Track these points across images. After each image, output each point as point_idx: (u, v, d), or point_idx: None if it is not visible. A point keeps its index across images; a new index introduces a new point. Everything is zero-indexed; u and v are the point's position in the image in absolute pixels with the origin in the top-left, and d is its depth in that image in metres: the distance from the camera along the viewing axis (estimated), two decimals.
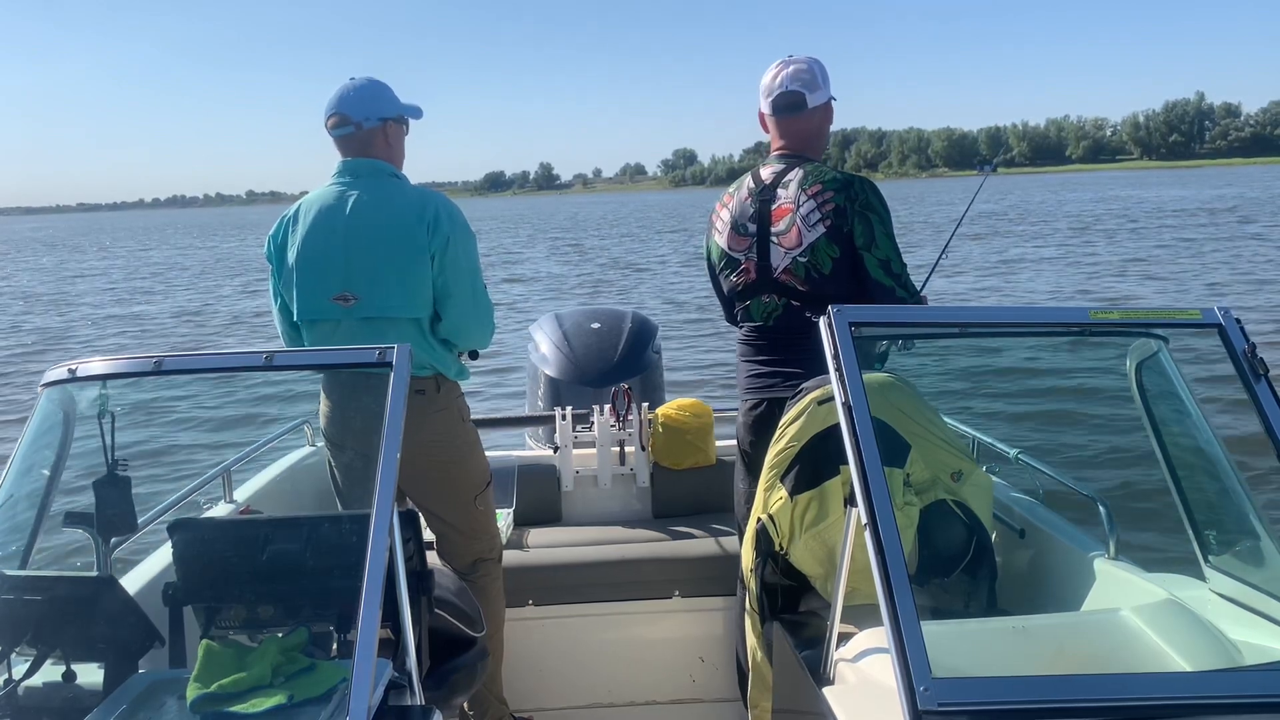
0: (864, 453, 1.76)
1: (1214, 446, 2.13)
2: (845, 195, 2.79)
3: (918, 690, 1.51)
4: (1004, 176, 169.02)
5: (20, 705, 1.85)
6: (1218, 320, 2.02)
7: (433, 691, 2.21)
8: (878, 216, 2.79)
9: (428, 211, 2.79)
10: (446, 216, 2.81)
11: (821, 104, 2.96)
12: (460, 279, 2.83)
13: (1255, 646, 1.87)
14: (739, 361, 3.06)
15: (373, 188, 2.84)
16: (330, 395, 2.91)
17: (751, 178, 2.98)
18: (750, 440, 2.97)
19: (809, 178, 2.84)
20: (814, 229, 2.79)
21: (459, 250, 2.82)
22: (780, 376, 2.88)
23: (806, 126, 2.95)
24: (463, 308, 2.86)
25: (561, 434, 3.85)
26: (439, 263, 2.79)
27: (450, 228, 2.80)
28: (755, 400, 2.96)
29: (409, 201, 2.82)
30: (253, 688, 1.70)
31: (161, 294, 25.43)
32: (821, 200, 2.79)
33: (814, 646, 2.14)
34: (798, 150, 2.95)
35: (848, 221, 2.77)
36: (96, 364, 2.12)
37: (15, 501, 2.12)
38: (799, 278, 2.83)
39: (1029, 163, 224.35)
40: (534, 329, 4.68)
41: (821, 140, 3.01)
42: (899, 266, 2.81)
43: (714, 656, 3.43)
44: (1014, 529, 2.84)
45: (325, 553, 1.96)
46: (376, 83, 2.93)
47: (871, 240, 2.78)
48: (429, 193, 2.88)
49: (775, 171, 2.92)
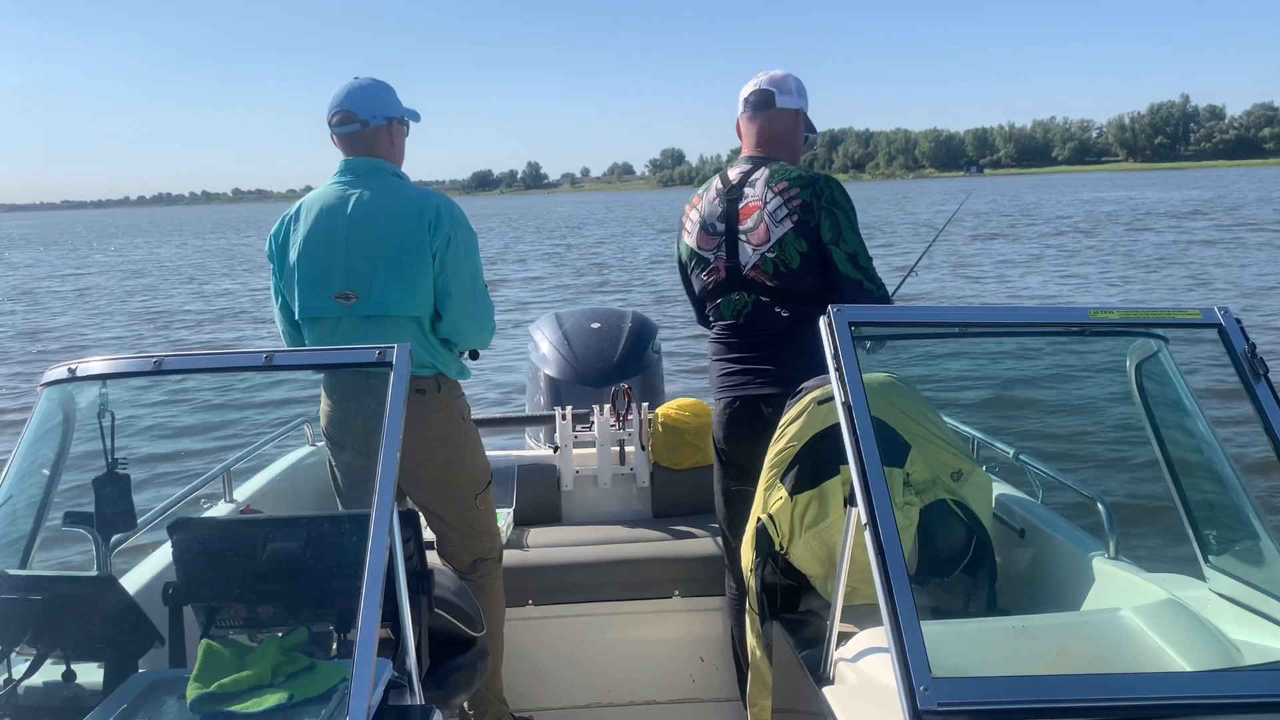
0: (864, 452, 1.76)
1: (1214, 446, 2.13)
2: (811, 192, 2.83)
3: (918, 690, 1.51)
4: (990, 178, 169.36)
5: (20, 705, 1.85)
6: (1218, 320, 2.02)
7: (433, 691, 2.21)
8: (843, 212, 2.84)
9: (429, 210, 2.79)
10: (448, 215, 2.81)
11: (792, 108, 3.00)
12: (461, 278, 2.83)
13: (1255, 646, 1.87)
14: (711, 361, 3.10)
15: (375, 186, 2.84)
16: (331, 394, 2.91)
17: (720, 178, 3.02)
18: (724, 437, 3.00)
19: (775, 176, 2.88)
20: (781, 224, 2.83)
21: (460, 250, 2.82)
22: (752, 374, 2.91)
23: (775, 127, 2.99)
24: (463, 307, 2.86)
25: (561, 434, 3.85)
26: (440, 262, 2.79)
27: (451, 227, 2.80)
28: (729, 398, 2.98)
29: (410, 200, 2.82)
30: (253, 687, 1.70)
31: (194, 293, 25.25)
32: (788, 197, 2.83)
33: (814, 646, 2.14)
34: (766, 152, 2.99)
35: (814, 217, 2.81)
36: (96, 364, 2.12)
37: (15, 501, 2.11)
38: (767, 273, 2.86)
39: (1015, 164, 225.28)
40: (534, 329, 4.68)
41: (791, 146, 3.03)
42: (866, 260, 2.85)
43: (714, 656, 3.43)
44: (1014, 529, 2.84)
45: (325, 552, 1.96)
46: (382, 83, 2.95)
47: (839, 235, 2.82)
48: (430, 192, 2.88)
49: (742, 171, 2.97)
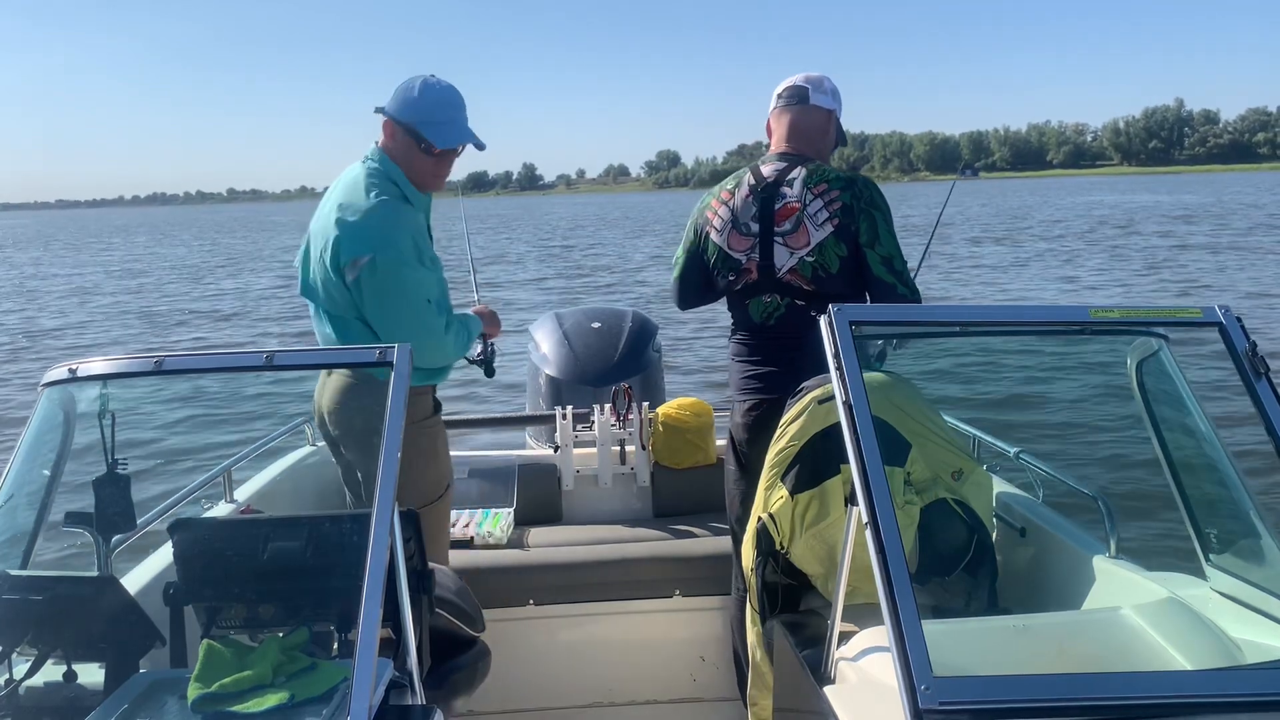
0: (864, 452, 1.76)
1: (1215, 445, 2.13)
2: (851, 193, 2.78)
3: (918, 689, 1.51)
4: (985, 181, 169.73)
5: (21, 705, 1.85)
6: (1218, 319, 2.02)
7: (433, 691, 2.21)
8: (881, 214, 2.80)
9: (346, 216, 2.70)
10: (363, 229, 2.69)
11: (825, 107, 2.95)
12: (377, 294, 2.71)
13: (1256, 645, 1.87)
14: (733, 361, 3.03)
15: (347, 174, 2.82)
16: (335, 396, 2.90)
17: (752, 174, 2.94)
18: (746, 440, 2.94)
19: (813, 176, 2.83)
20: (821, 228, 2.78)
21: (379, 271, 2.68)
22: (781, 378, 2.84)
23: (808, 123, 2.94)
24: (386, 322, 2.73)
25: (562, 433, 3.85)
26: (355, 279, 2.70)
27: (368, 250, 2.68)
28: (754, 401, 2.93)
29: (347, 200, 2.74)
30: (253, 687, 1.70)
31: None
32: (828, 199, 2.78)
33: (814, 645, 2.14)
34: (798, 150, 2.92)
35: (855, 220, 2.77)
36: (96, 364, 2.12)
37: (15, 501, 2.11)
38: (805, 277, 2.82)
39: (1010, 167, 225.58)
40: (534, 329, 4.68)
41: (823, 145, 2.98)
42: (900, 264, 2.80)
43: (714, 656, 3.43)
44: (1014, 528, 2.84)
45: (326, 552, 1.96)
46: (410, 80, 2.85)
47: (875, 238, 2.77)
48: (361, 197, 2.73)
49: (777, 169, 2.90)
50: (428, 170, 2.85)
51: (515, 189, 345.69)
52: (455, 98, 2.85)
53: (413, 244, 2.75)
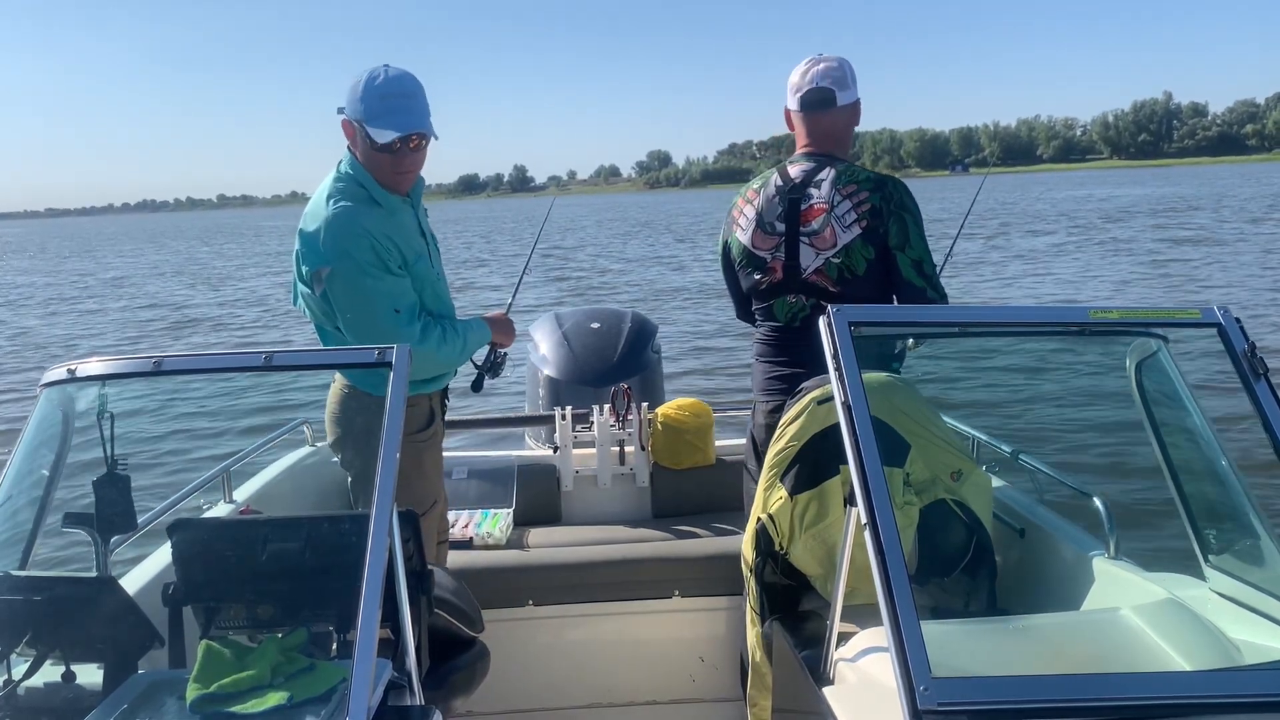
0: (864, 452, 1.76)
1: (1214, 446, 2.13)
2: (880, 195, 2.76)
3: (918, 690, 1.51)
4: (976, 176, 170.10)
5: (20, 705, 1.85)
6: (1217, 320, 2.02)
7: (432, 692, 2.21)
8: (911, 216, 2.77)
9: (306, 226, 2.66)
10: (319, 241, 2.63)
11: (850, 102, 2.91)
12: (340, 306, 2.67)
13: (1255, 645, 1.87)
14: (756, 361, 3.01)
15: (324, 180, 2.76)
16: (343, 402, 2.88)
17: (779, 175, 2.91)
18: (768, 441, 2.93)
19: (842, 177, 2.80)
20: (849, 230, 2.76)
21: (338, 282, 2.63)
22: (805, 379, 2.78)
23: (835, 124, 2.90)
24: (351, 333, 2.68)
25: (561, 434, 3.85)
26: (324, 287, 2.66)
27: (326, 261, 2.62)
28: (777, 402, 2.89)
29: (311, 208, 2.68)
30: (252, 688, 1.70)
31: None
32: (857, 200, 2.76)
33: (814, 646, 2.14)
34: (825, 149, 2.89)
35: (884, 222, 2.74)
36: (96, 364, 2.12)
37: (15, 501, 2.11)
38: (831, 279, 2.80)
39: (1000, 162, 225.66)
40: (534, 329, 4.68)
41: (848, 140, 2.96)
42: (930, 268, 2.79)
43: (714, 656, 3.43)
44: (1014, 528, 2.84)
45: (325, 553, 1.96)
46: (359, 74, 2.67)
47: (906, 241, 2.75)
48: (321, 206, 2.67)
49: (805, 170, 2.87)
50: (386, 168, 2.66)
51: (507, 191, 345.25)
52: (401, 86, 2.62)
53: (372, 251, 2.60)
